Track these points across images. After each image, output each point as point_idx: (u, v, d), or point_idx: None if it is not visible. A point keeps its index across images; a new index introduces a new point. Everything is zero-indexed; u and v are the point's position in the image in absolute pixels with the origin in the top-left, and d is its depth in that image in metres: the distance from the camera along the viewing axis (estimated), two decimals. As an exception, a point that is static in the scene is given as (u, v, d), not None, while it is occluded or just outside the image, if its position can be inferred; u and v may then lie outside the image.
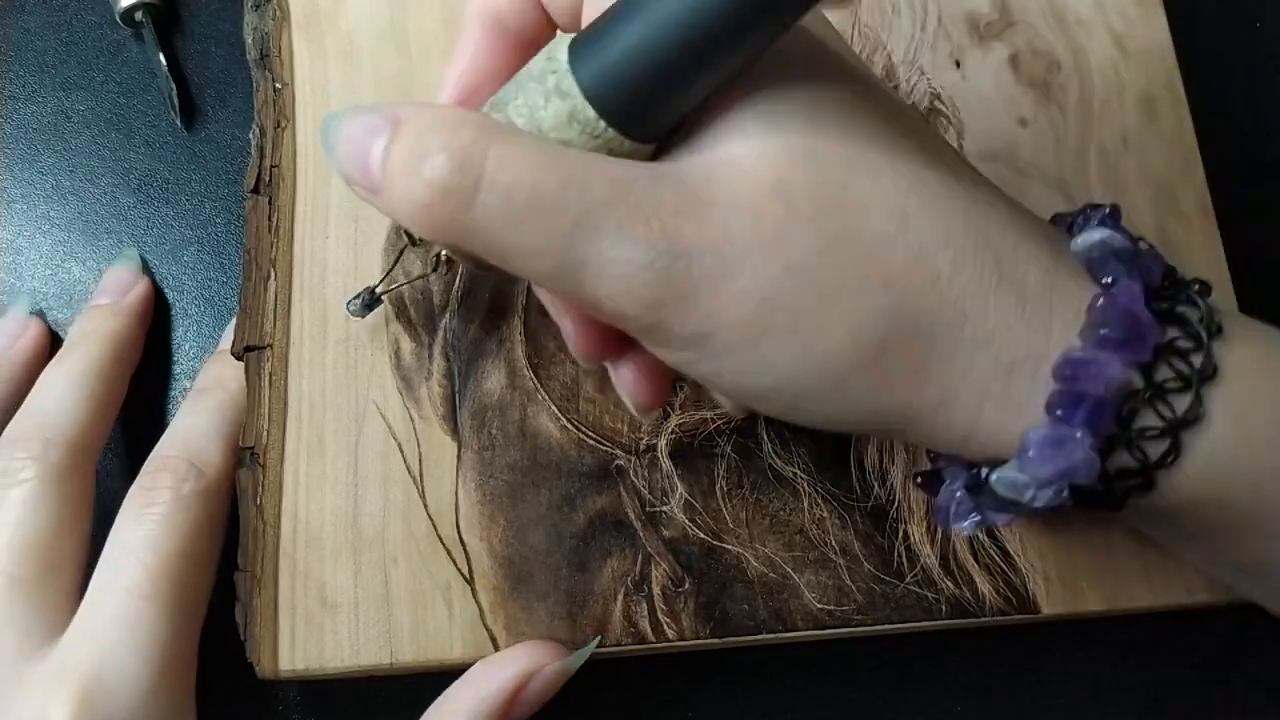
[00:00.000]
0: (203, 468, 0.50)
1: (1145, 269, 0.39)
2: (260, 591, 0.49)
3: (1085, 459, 0.37)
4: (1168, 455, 0.38)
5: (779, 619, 0.51)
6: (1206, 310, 0.39)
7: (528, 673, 0.48)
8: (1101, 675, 0.55)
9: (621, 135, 0.36)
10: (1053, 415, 0.37)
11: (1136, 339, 0.37)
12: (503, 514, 0.51)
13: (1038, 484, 0.38)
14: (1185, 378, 0.38)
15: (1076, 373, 0.37)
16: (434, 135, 0.35)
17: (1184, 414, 0.38)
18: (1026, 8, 0.61)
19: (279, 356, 0.52)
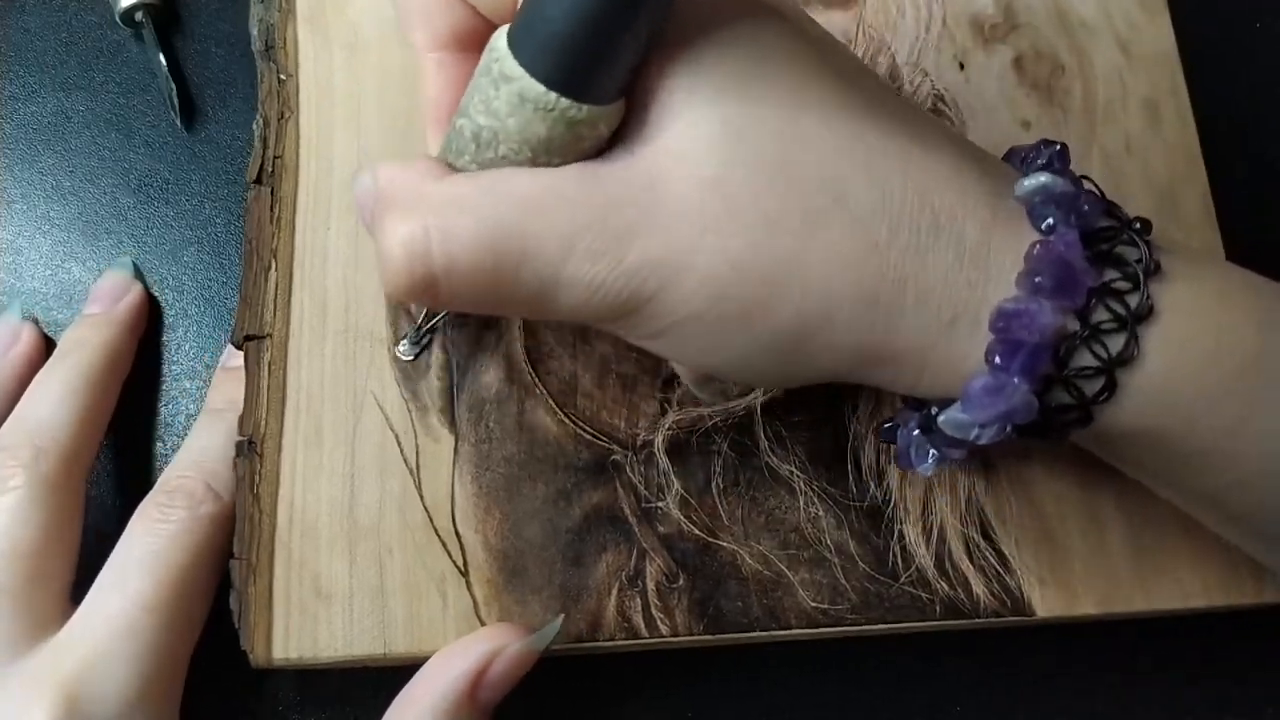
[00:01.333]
0: (220, 491, 0.52)
1: (1085, 212, 0.42)
2: (255, 580, 0.52)
3: (1023, 402, 0.41)
4: (1102, 392, 0.41)
5: (773, 617, 0.53)
6: (1145, 250, 0.42)
7: (490, 654, 0.49)
8: (1095, 679, 0.57)
9: (575, 102, 0.38)
10: (991, 363, 0.40)
11: (1070, 286, 0.40)
12: (499, 507, 0.53)
13: (981, 424, 0.42)
14: (1120, 318, 0.41)
15: (1009, 323, 0.40)
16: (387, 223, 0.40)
17: (1119, 353, 0.41)
18: (1031, 10, 0.63)
19: (278, 346, 0.55)
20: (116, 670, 0.48)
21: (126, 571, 0.50)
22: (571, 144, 0.40)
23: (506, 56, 0.39)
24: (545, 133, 0.39)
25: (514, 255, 0.39)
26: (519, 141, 0.40)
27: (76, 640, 0.48)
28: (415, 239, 0.39)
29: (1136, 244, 0.42)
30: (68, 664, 0.47)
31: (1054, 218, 0.41)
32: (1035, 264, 0.40)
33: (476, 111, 0.40)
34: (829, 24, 0.62)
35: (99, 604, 0.49)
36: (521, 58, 0.38)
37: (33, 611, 0.49)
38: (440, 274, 0.39)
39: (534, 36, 0.38)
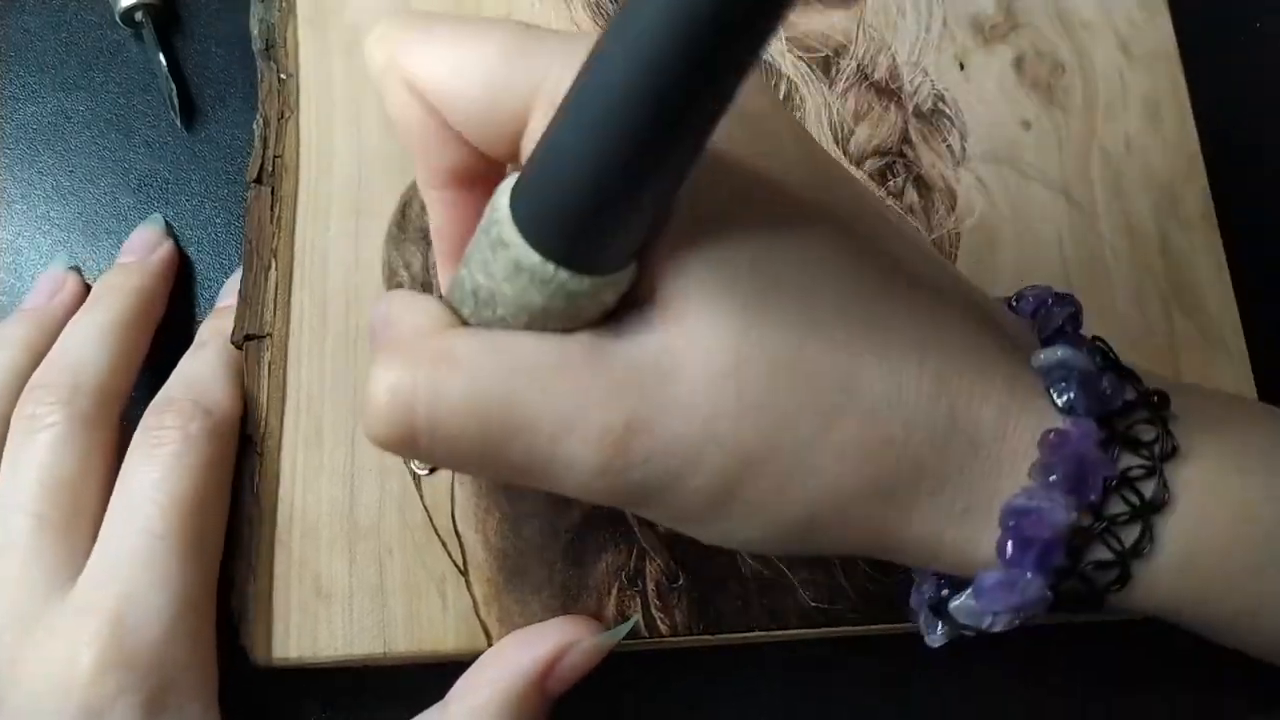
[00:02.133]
0: (209, 407, 0.52)
1: (1104, 395, 0.41)
2: (255, 580, 0.52)
3: (1037, 595, 0.40)
4: (1116, 582, 0.41)
5: (772, 617, 0.53)
6: (1164, 430, 0.41)
7: (563, 646, 0.50)
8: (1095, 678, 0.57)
9: (575, 274, 0.36)
10: (1003, 559, 0.40)
11: (1084, 482, 0.39)
12: (498, 507, 0.53)
13: (993, 614, 0.41)
14: (1135, 510, 0.40)
15: (1020, 521, 0.39)
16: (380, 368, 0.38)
17: (1133, 545, 0.40)
18: (1031, 10, 0.63)
19: (278, 346, 0.55)
20: (147, 601, 0.48)
21: (132, 503, 0.50)
22: (572, 313, 0.38)
23: (506, 221, 0.36)
24: (543, 302, 0.37)
25: (504, 425, 0.37)
26: (516, 307, 0.38)
27: (102, 578, 0.49)
28: (401, 389, 0.37)
29: (1154, 423, 0.41)
30: (103, 601, 0.48)
31: (1073, 396, 0.40)
32: (1049, 457, 0.39)
33: (476, 269, 0.38)
34: (829, 24, 0.62)
35: (114, 539, 0.50)
36: (521, 223, 0.36)
37: (72, 544, 0.50)
38: (422, 432, 0.37)
39: (534, 203, 0.36)
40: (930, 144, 0.61)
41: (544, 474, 0.38)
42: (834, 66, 0.62)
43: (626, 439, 0.37)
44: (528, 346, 0.38)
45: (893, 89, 0.62)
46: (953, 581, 0.44)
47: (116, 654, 0.47)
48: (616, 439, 0.37)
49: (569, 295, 0.36)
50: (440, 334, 0.39)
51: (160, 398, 0.53)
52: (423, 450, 0.38)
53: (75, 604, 0.48)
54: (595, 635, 0.51)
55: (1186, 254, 0.60)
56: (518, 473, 0.39)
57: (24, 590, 0.49)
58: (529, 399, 0.37)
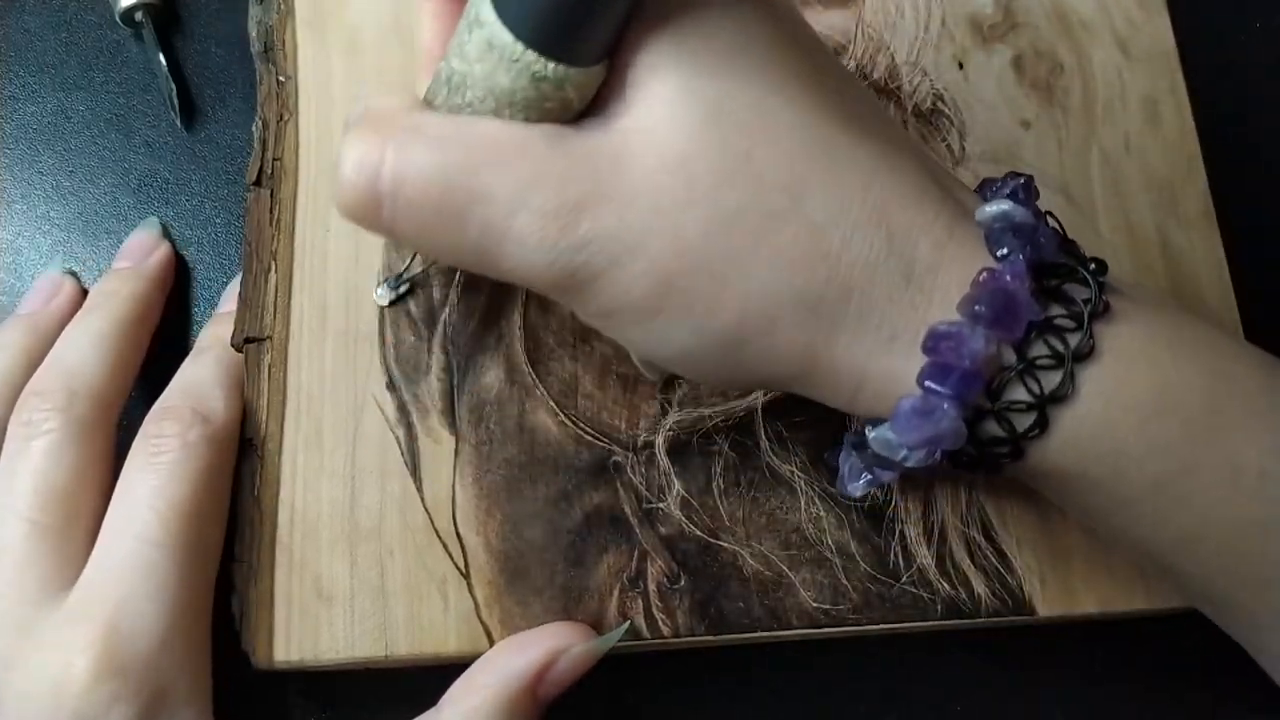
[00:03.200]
0: (207, 414, 0.52)
1: (1040, 244, 0.41)
2: (256, 582, 0.52)
3: (952, 428, 0.41)
4: (1033, 428, 0.41)
5: (774, 617, 0.53)
6: (1096, 290, 0.41)
7: (556, 651, 0.50)
8: (1096, 678, 0.57)
9: (541, 58, 0.38)
10: (922, 385, 0.40)
11: (1008, 317, 0.40)
12: (499, 508, 0.53)
13: (909, 446, 0.42)
14: (1059, 355, 0.40)
15: (939, 345, 0.40)
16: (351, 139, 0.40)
17: (1052, 391, 0.40)
18: (1030, 10, 0.63)
19: (278, 348, 0.55)
20: (141, 609, 0.48)
21: (131, 511, 0.50)
22: (536, 102, 0.39)
23: (484, 1, 0.38)
24: (509, 84, 0.39)
25: (463, 193, 0.39)
26: (484, 90, 0.40)
27: (98, 585, 0.49)
28: (369, 156, 0.40)
29: (1089, 283, 0.42)
30: (95, 610, 0.47)
31: (1009, 246, 0.41)
32: (978, 291, 0.40)
33: (452, 54, 0.40)
34: (828, 23, 0.62)
35: (111, 546, 0.49)
36: (499, 5, 0.38)
37: (66, 550, 0.50)
38: (385, 195, 0.40)
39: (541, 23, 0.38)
40: (929, 144, 0.60)
41: (498, 250, 0.40)
42: (833, 66, 0.62)
43: (575, 217, 0.39)
44: (491, 126, 0.40)
45: (892, 89, 0.62)
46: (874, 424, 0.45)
47: (111, 662, 0.47)
48: (565, 217, 0.39)
49: (534, 80, 0.39)
50: (410, 112, 0.41)
51: (159, 405, 0.53)
52: (385, 218, 0.40)
53: (71, 611, 0.48)
54: (588, 640, 0.51)
55: (1186, 253, 0.60)
56: (473, 247, 0.41)
57: (18, 596, 0.48)
58: (489, 171, 0.39)
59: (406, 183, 0.39)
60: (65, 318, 0.58)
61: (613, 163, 0.39)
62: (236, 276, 0.58)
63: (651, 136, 0.39)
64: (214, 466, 0.52)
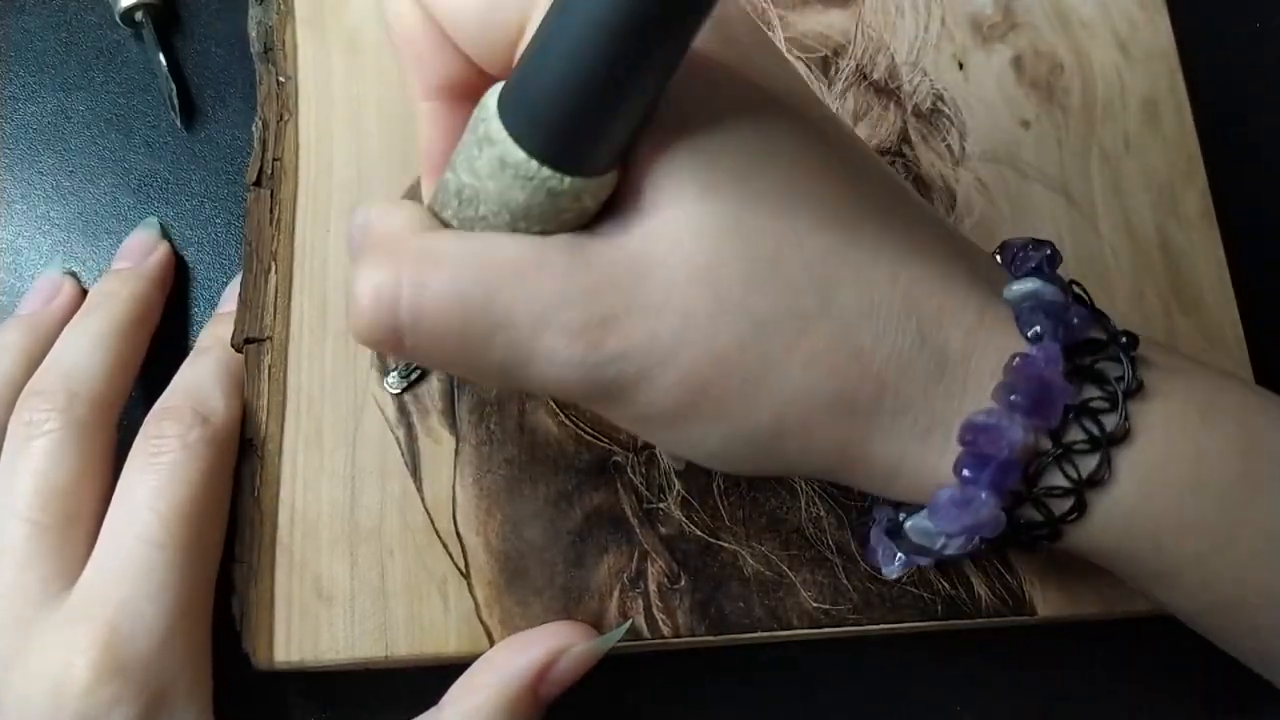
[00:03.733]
0: (207, 415, 0.52)
1: (1073, 325, 0.41)
2: (256, 582, 0.52)
3: (991, 517, 0.40)
4: (1071, 512, 0.41)
5: (774, 617, 0.53)
6: (1129, 367, 0.41)
7: (557, 651, 0.50)
8: (1096, 678, 0.57)
9: (558, 173, 0.37)
10: (959, 476, 0.40)
11: (1045, 405, 0.40)
12: (500, 509, 0.53)
13: (948, 535, 0.42)
14: (1095, 440, 0.40)
15: (978, 437, 0.40)
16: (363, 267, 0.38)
17: (1089, 475, 0.40)
18: (1030, 10, 0.63)
19: (278, 349, 0.55)
20: (141, 610, 0.48)
21: (131, 511, 0.50)
22: (552, 214, 0.38)
23: (493, 118, 0.37)
24: (525, 200, 0.38)
25: (485, 320, 0.38)
26: (498, 205, 0.38)
27: (98, 586, 0.49)
28: (385, 286, 0.38)
29: (1120, 359, 0.42)
30: (96, 611, 0.48)
31: (1041, 326, 0.41)
32: (1013, 379, 0.40)
33: (461, 168, 0.39)
34: (828, 23, 0.62)
35: (112, 547, 0.50)
36: (508, 121, 0.37)
37: (66, 550, 0.50)
38: (406, 327, 0.38)
39: (522, 101, 0.36)
40: (929, 143, 0.60)
41: (524, 370, 0.39)
42: (833, 66, 0.62)
43: (602, 334, 0.38)
44: (509, 245, 0.38)
45: (892, 89, 0.62)
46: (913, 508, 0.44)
47: (112, 663, 0.47)
48: (593, 334, 0.38)
49: (550, 194, 0.37)
50: (422, 234, 0.39)
51: (160, 406, 0.53)
52: (407, 347, 0.39)
53: (71, 611, 0.48)
54: (589, 640, 0.51)
55: (1186, 253, 0.59)
56: (498, 369, 0.40)
57: (18, 597, 0.48)
58: (510, 294, 0.38)
59: (426, 314, 0.38)
60: (65, 318, 0.58)
61: (637, 275, 0.38)
62: (236, 277, 0.58)
63: (675, 246, 0.38)
64: (214, 467, 0.52)
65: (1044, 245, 0.45)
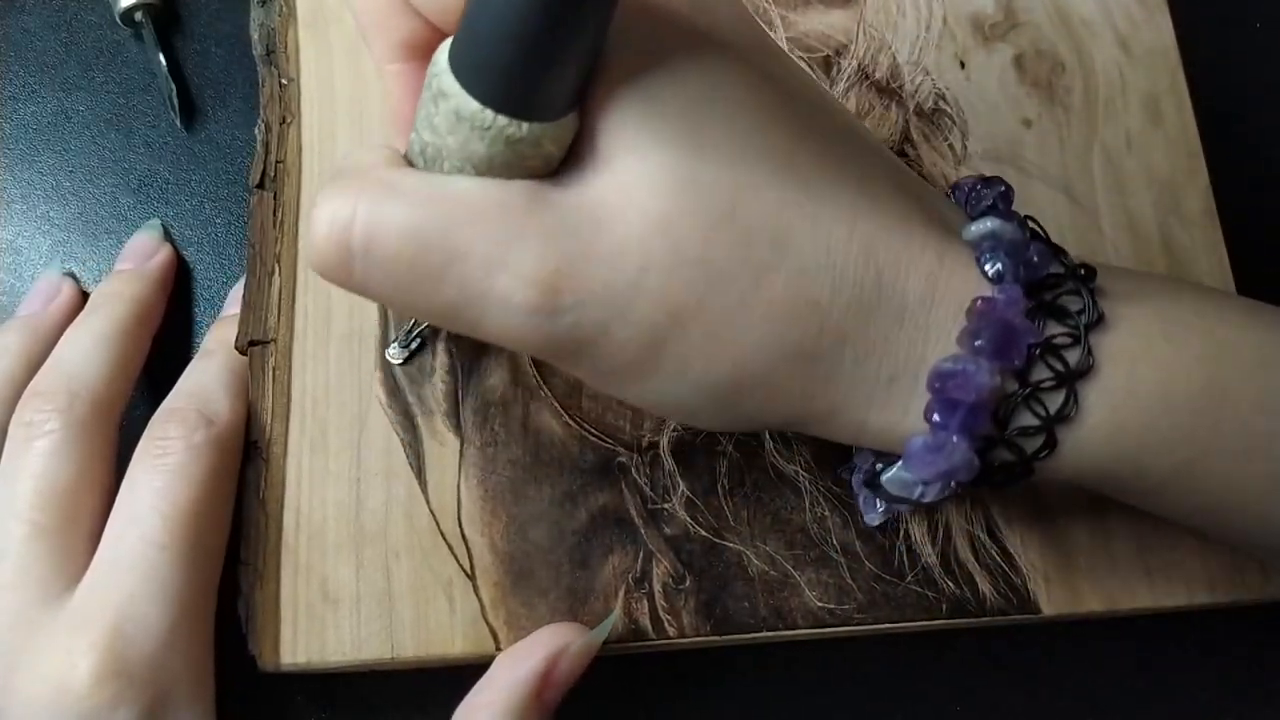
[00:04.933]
0: (212, 417, 0.52)
1: (1031, 263, 0.42)
2: (262, 585, 0.52)
3: (964, 460, 0.41)
4: (1043, 449, 0.41)
5: (779, 617, 0.53)
6: (1089, 301, 0.42)
7: (555, 654, 0.49)
8: (1101, 676, 0.57)
9: (514, 120, 0.37)
10: (930, 422, 0.40)
11: (1009, 347, 0.40)
12: (505, 510, 0.53)
13: (924, 482, 0.42)
14: (1060, 376, 0.41)
15: (946, 384, 0.40)
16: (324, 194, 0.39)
17: (1058, 411, 0.41)
18: (1031, 9, 0.63)
19: (282, 351, 0.55)
20: (144, 612, 0.48)
21: (135, 513, 0.50)
22: (515, 162, 0.38)
23: (445, 73, 0.37)
24: (485, 150, 0.38)
25: (439, 252, 0.38)
26: (461, 159, 0.39)
27: (101, 587, 0.49)
28: (340, 212, 0.38)
29: (1080, 293, 0.42)
30: (98, 613, 0.48)
31: (1002, 265, 0.41)
32: (976, 323, 0.40)
33: (422, 127, 0.39)
34: (830, 23, 0.62)
35: (115, 548, 0.50)
36: (459, 74, 0.37)
37: (68, 551, 0.50)
38: (357, 253, 0.38)
39: (469, 53, 0.37)
40: (931, 143, 0.61)
41: (477, 312, 0.39)
42: (835, 66, 0.62)
43: (557, 281, 0.38)
44: (469, 185, 0.38)
45: (893, 88, 0.62)
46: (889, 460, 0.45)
47: (114, 665, 0.47)
48: (548, 280, 0.38)
49: (509, 142, 0.37)
50: (386, 168, 0.40)
51: (165, 408, 0.53)
52: (356, 275, 0.39)
53: (73, 613, 0.48)
54: (582, 636, 0.51)
55: (1188, 251, 0.60)
56: (450, 310, 0.39)
57: (19, 597, 0.49)
58: (466, 231, 0.38)
59: (378, 240, 0.38)
60: (65, 320, 0.58)
61: (594, 224, 0.38)
62: (240, 279, 0.59)
63: (631, 197, 0.38)
64: (218, 469, 0.52)
65: (997, 182, 0.45)
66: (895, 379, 0.41)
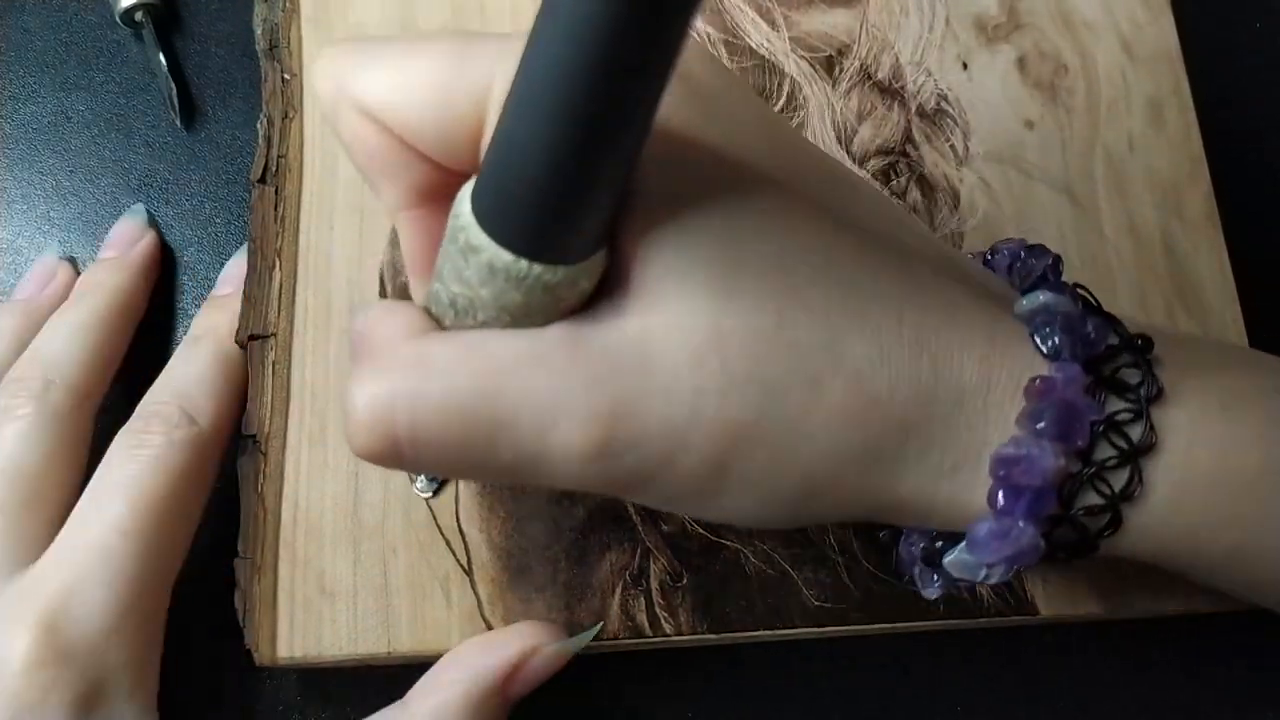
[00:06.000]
0: (195, 416, 0.53)
1: (1088, 338, 0.41)
2: (260, 578, 0.52)
3: (1030, 544, 0.40)
4: (1107, 528, 0.41)
5: (776, 616, 0.53)
6: (1148, 374, 0.41)
7: (527, 651, 0.50)
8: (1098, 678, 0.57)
9: (551, 266, 0.35)
10: (995, 508, 0.40)
11: (1072, 427, 0.40)
12: (502, 506, 0.54)
13: (988, 565, 0.42)
14: (1124, 454, 0.40)
15: (1010, 470, 0.39)
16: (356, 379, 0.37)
17: (1123, 489, 0.40)
18: (1034, 10, 0.64)
19: (282, 345, 0.55)
20: (93, 595, 0.48)
21: (102, 498, 0.51)
22: (552, 305, 0.37)
23: (471, 225, 0.36)
24: (522, 299, 0.36)
25: (486, 424, 0.37)
26: (495, 309, 0.37)
27: (55, 566, 0.49)
28: (379, 400, 0.37)
29: (1139, 365, 0.42)
30: (46, 589, 0.48)
31: (1059, 340, 0.41)
32: (1037, 405, 0.40)
33: (450, 280, 0.38)
34: (832, 23, 0.63)
35: (77, 530, 0.50)
36: (487, 225, 0.36)
37: (23, 532, 0.50)
38: (404, 440, 0.37)
39: (496, 202, 0.35)
40: (933, 144, 0.61)
41: (534, 469, 0.38)
42: (837, 66, 0.62)
43: (612, 425, 0.37)
44: (504, 343, 0.37)
45: (896, 88, 0.62)
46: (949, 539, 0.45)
47: (53, 644, 0.47)
48: (603, 427, 0.37)
49: (547, 289, 0.36)
50: (415, 340, 0.38)
51: (147, 401, 0.54)
52: (407, 459, 0.37)
53: (22, 589, 0.49)
54: (558, 641, 0.51)
55: (1190, 254, 0.60)
56: (509, 471, 0.38)
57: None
58: (509, 395, 0.37)
59: (422, 424, 0.37)
60: (58, 304, 0.59)
61: (640, 359, 0.37)
62: (232, 258, 0.60)
63: (672, 328, 0.37)
64: (193, 468, 0.52)
65: (1044, 252, 0.45)
66: (959, 467, 0.40)
